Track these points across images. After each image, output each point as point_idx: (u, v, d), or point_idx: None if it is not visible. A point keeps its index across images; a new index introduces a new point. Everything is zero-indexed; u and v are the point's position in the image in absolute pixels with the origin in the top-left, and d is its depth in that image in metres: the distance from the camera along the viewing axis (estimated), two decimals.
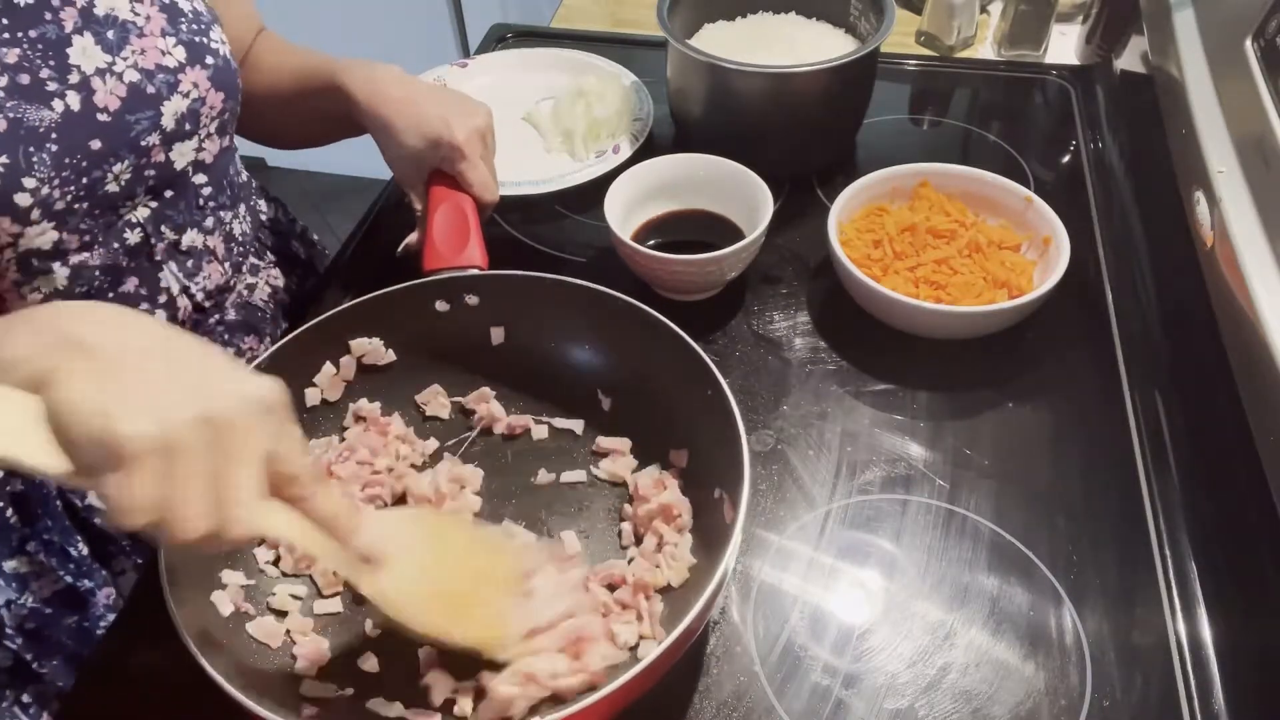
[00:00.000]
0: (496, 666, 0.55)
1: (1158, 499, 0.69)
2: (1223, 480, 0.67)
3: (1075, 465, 0.72)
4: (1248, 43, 0.70)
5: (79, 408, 0.40)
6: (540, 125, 1.04)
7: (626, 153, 0.98)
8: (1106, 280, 0.86)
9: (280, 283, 0.89)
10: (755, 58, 0.90)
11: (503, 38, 1.20)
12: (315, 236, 1.00)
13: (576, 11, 1.31)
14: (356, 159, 0.81)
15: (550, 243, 0.92)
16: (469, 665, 0.57)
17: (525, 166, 0.98)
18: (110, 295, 0.69)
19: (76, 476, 0.42)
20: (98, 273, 0.68)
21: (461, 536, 0.62)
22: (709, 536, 0.63)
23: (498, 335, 0.74)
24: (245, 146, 0.85)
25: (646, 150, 0.97)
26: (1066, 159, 1.00)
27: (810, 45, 0.97)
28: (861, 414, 0.76)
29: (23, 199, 0.60)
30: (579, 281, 0.71)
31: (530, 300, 0.72)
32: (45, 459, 0.41)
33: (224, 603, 0.59)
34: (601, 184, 0.85)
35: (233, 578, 0.61)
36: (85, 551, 0.71)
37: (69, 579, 0.71)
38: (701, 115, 0.96)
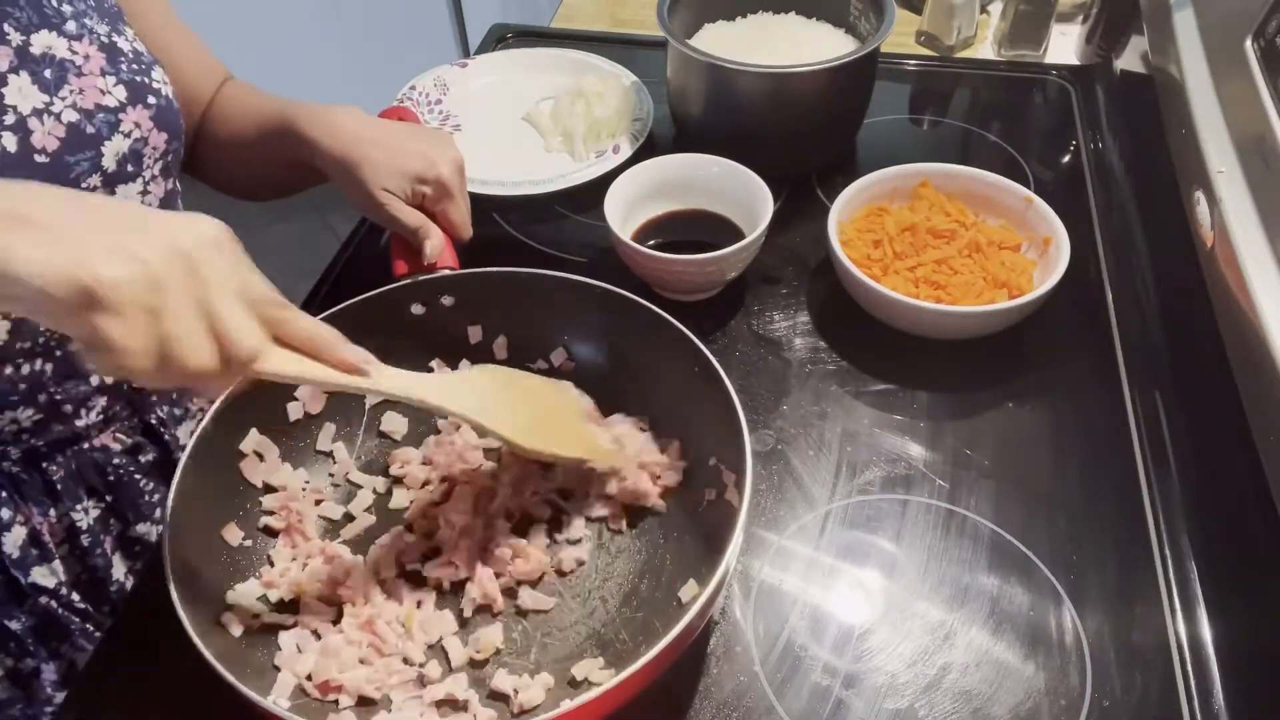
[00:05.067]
0: None
1: (1158, 499, 0.69)
2: (1223, 480, 0.67)
3: (1075, 465, 0.72)
4: (1248, 43, 0.70)
5: (46, 268, 0.41)
6: (540, 125, 1.04)
7: (626, 153, 0.98)
8: (1106, 280, 0.86)
9: None
10: (755, 58, 0.90)
11: (503, 38, 1.20)
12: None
13: (576, 11, 1.31)
14: None
15: (550, 243, 0.92)
16: None
17: (525, 166, 0.98)
18: (59, 353, 0.66)
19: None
20: (42, 326, 0.64)
21: (528, 382, 0.68)
22: (713, 528, 0.63)
23: (475, 334, 0.74)
24: None
25: (646, 150, 0.97)
26: (1066, 159, 1.00)
27: (810, 45, 0.97)
28: (861, 414, 0.76)
29: None
30: (552, 273, 0.71)
31: (506, 296, 0.72)
32: None
33: (233, 624, 0.59)
34: (601, 184, 0.85)
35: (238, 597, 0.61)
36: (28, 624, 0.70)
37: (10, 660, 0.70)
38: (701, 115, 0.96)
